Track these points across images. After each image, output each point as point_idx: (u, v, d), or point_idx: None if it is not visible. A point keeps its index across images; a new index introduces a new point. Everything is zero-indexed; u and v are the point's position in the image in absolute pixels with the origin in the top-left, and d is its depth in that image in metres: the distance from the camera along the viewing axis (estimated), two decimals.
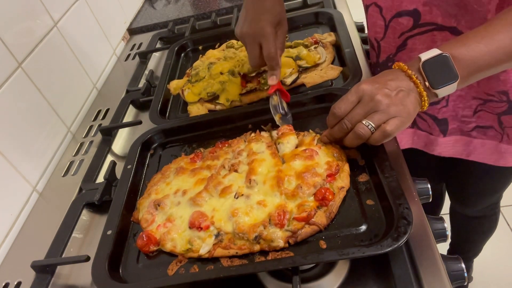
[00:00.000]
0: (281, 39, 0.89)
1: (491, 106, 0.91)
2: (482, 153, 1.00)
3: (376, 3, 0.88)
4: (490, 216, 1.38)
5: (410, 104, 0.66)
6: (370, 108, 0.67)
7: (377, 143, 0.69)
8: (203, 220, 0.69)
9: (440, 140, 1.02)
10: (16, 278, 0.81)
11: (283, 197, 0.68)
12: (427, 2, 0.80)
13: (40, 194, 1.01)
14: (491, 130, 0.96)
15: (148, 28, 1.61)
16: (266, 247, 0.64)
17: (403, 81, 0.67)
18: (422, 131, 1.04)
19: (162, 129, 0.96)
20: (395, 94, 0.66)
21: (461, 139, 1.01)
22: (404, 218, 0.60)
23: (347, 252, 0.58)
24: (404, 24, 0.86)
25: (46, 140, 1.07)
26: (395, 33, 0.89)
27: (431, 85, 0.66)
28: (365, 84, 0.68)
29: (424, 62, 0.66)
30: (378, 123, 0.66)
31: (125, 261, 0.72)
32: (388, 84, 0.67)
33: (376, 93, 0.66)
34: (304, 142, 0.78)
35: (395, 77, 0.68)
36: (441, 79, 0.66)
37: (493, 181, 1.16)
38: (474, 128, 0.97)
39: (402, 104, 0.66)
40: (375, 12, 0.90)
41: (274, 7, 0.86)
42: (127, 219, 0.79)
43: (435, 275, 0.60)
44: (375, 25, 0.92)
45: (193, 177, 0.79)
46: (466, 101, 0.93)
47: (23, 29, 1.06)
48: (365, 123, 0.67)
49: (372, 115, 0.67)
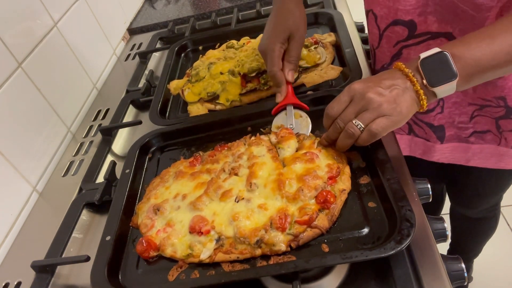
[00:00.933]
0: (292, 53, 0.88)
1: (488, 110, 0.90)
2: (481, 158, 0.99)
3: (373, 10, 0.87)
4: (491, 217, 1.38)
5: (404, 103, 0.65)
6: (361, 106, 0.66)
7: (365, 143, 0.68)
8: (203, 224, 0.69)
9: (437, 147, 1.01)
10: (16, 278, 0.81)
11: (284, 200, 0.68)
12: (422, 12, 0.80)
13: (40, 194, 1.01)
14: (489, 134, 0.95)
15: (148, 28, 1.61)
16: (267, 251, 0.64)
17: (398, 79, 0.66)
18: (419, 138, 1.03)
19: (160, 133, 0.96)
20: (388, 92, 0.65)
21: (459, 146, 1.00)
22: (407, 221, 0.60)
23: (350, 255, 0.58)
24: (399, 33, 0.85)
25: (46, 140, 1.07)
26: (390, 42, 0.89)
27: (429, 84, 0.65)
28: (357, 84, 0.68)
29: (423, 59, 0.65)
30: (368, 122, 0.66)
31: (124, 267, 0.71)
32: (381, 82, 0.66)
33: (367, 91, 0.66)
34: (305, 145, 0.77)
35: (390, 76, 0.67)
36: (440, 77, 0.64)
37: (493, 183, 1.16)
38: (471, 134, 0.96)
39: (394, 103, 0.65)
40: (372, 19, 0.89)
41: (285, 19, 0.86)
42: (126, 224, 0.78)
43: (435, 275, 0.60)
44: (372, 33, 0.92)
45: (193, 181, 0.79)
46: (462, 107, 0.92)
47: (23, 29, 1.05)
48: (355, 122, 0.66)
49: (362, 114, 0.66)
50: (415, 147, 1.06)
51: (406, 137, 1.06)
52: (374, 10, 0.87)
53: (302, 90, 0.99)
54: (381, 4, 0.84)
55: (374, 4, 0.86)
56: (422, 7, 0.79)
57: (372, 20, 0.89)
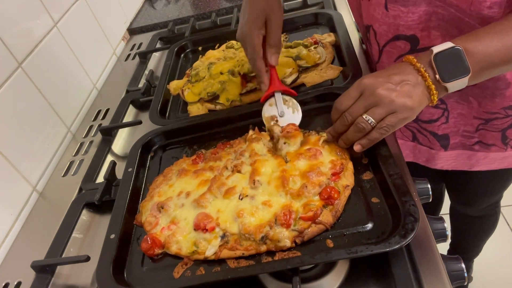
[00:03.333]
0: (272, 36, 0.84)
1: (494, 124, 0.89)
2: (486, 163, 0.98)
3: (373, 27, 0.86)
4: (491, 215, 1.37)
5: (415, 98, 0.65)
6: (371, 102, 0.66)
7: (376, 140, 0.68)
8: (208, 221, 0.69)
9: (441, 154, 1.00)
10: (16, 278, 0.80)
11: (288, 197, 0.68)
12: (425, 27, 0.78)
13: (40, 194, 1.00)
14: (494, 147, 0.94)
15: (148, 28, 1.61)
16: (273, 247, 0.64)
17: (409, 74, 0.66)
18: (422, 146, 1.03)
19: (162, 131, 0.96)
20: (399, 88, 0.65)
21: (463, 153, 0.99)
22: (410, 215, 0.60)
23: (355, 250, 0.58)
24: (401, 48, 0.84)
25: (46, 140, 1.06)
26: (391, 57, 0.88)
27: (442, 79, 0.64)
28: (367, 79, 0.68)
29: (436, 54, 0.64)
30: (379, 117, 0.66)
31: (129, 265, 0.71)
32: (391, 78, 0.66)
33: (378, 87, 0.65)
34: (310, 141, 0.78)
35: (401, 70, 0.67)
36: (453, 72, 0.64)
37: (494, 182, 1.16)
38: (476, 143, 0.95)
39: (406, 97, 0.64)
40: (372, 35, 0.88)
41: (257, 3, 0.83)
42: (130, 222, 0.78)
43: (435, 275, 0.60)
44: (372, 48, 0.92)
45: (196, 179, 0.79)
46: (467, 119, 0.91)
47: (23, 29, 1.05)
48: (366, 117, 0.66)
49: (373, 109, 0.66)
50: (419, 154, 1.05)
51: (409, 143, 1.05)
52: (374, 27, 0.85)
53: (302, 90, 0.99)
54: (380, 20, 0.82)
55: (373, 21, 0.84)
56: (425, 22, 0.78)
57: (372, 36, 0.88)
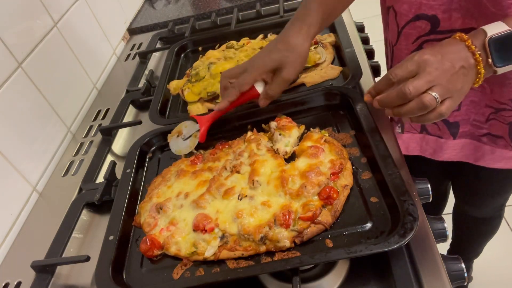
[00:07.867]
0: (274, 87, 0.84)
1: (502, 115, 0.89)
2: (492, 159, 0.97)
3: (393, 7, 0.85)
4: (495, 218, 1.36)
5: (466, 84, 0.64)
6: (433, 78, 0.63)
7: (429, 121, 0.66)
8: (207, 222, 0.69)
9: (449, 143, 1.00)
10: (16, 278, 0.81)
11: (287, 197, 0.68)
12: (447, 9, 0.78)
13: (40, 194, 1.00)
14: (502, 140, 0.93)
15: (148, 28, 1.61)
16: (272, 247, 0.64)
17: (465, 57, 0.64)
18: (431, 136, 1.02)
19: (160, 132, 0.96)
20: (456, 71, 0.64)
21: (471, 143, 0.98)
22: (409, 215, 0.60)
23: (355, 250, 0.58)
24: (421, 28, 0.83)
25: (46, 140, 1.06)
26: (409, 39, 0.87)
27: (494, 63, 0.63)
28: (428, 55, 0.65)
29: (492, 38, 0.63)
30: (441, 98, 0.64)
31: (128, 266, 0.71)
32: (451, 58, 0.64)
33: (439, 67, 0.63)
34: (312, 137, 0.77)
35: (457, 50, 0.65)
36: (506, 58, 0.63)
37: (501, 183, 1.14)
38: (485, 134, 0.95)
39: (461, 82, 0.64)
40: (392, 16, 0.88)
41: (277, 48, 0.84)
42: (129, 223, 0.78)
43: (435, 275, 0.60)
44: (391, 29, 0.91)
45: (195, 179, 0.79)
46: (479, 107, 0.91)
47: (23, 29, 1.05)
48: (434, 95, 0.63)
49: (434, 88, 0.64)
50: (426, 146, 1.04)
51: (417, 136, 1.04)
52: (394, 7, 0.85)
53: (302, 90, 0.99)
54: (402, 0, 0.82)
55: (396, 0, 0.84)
56: (448, 4, 0.77)
57: (392, 16, 0.87)
